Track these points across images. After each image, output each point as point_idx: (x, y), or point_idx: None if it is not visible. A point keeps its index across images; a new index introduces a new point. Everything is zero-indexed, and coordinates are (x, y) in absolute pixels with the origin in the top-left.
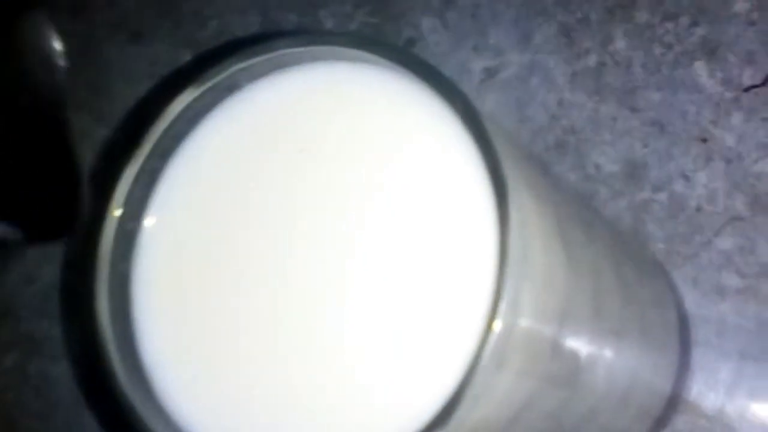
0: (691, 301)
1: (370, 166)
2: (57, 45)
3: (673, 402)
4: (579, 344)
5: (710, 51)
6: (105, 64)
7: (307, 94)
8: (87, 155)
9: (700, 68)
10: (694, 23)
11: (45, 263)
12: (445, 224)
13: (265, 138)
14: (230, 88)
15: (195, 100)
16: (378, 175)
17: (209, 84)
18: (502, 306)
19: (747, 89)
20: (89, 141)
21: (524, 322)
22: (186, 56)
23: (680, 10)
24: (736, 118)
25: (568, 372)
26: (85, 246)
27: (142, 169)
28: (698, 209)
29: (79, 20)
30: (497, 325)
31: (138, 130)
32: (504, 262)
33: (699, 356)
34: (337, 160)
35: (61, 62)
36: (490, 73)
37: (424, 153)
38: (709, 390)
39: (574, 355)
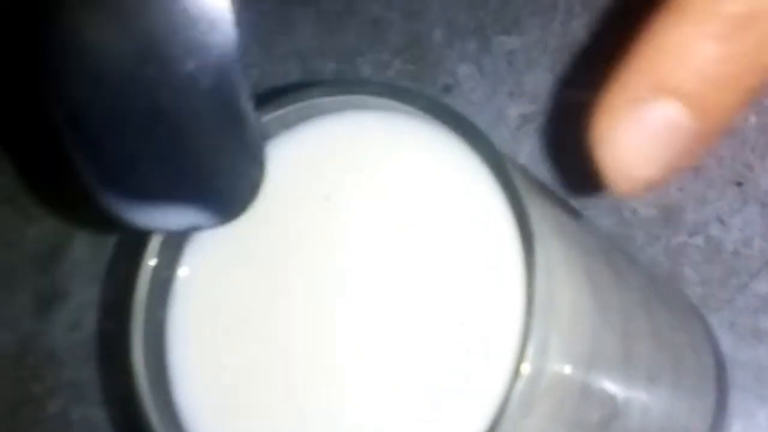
0: (728, 345)
1: (398, 214)
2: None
3: None
4: (609, 388)
5: None
6: None
7: (337, 142)
8: None
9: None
10: None
11: (89, 310)
12: (473, 270)
13: (296, 187)
14: (264, 137)
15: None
16: (407, 223)
17: None
18: (530, 349)
19: None
20: None
21: (553, 366)
22: None
23: None
24: None
25: (599, 417)
26: (122, 294)
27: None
28: (734, 253)
29: None
30: (525, 369)
31: None
32: (531, 307)
33: (736, 401)
34: (366, 208)
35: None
36: (526, 119)
37: (452, 200)
38: None
39: (604, 400)
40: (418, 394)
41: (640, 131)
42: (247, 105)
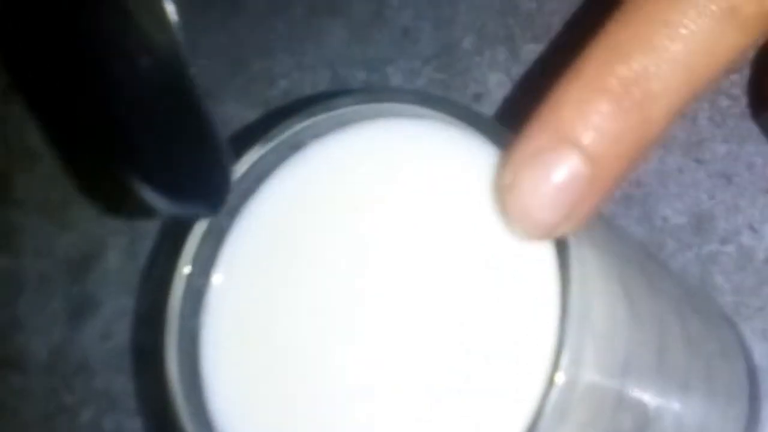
0: (760, 353)
1: (430, 223)
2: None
3: None
4: (644, 397)
5: None
6: None
7: (369, 150)
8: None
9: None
10: None
11: (120, 320)
12: (507, 279)
13: (328, 194)
14: (295, 146)
15: (261, 158)
16: (439, 232)
17: (274, 142)
18: (565, 359)
19: None
20: None
21: (587, 375)
22: (256, 115)
23: (746, 62)
24: None
25: (633, 425)
26: (156, 303)
27: (210, 227)
28: (766, 261)
29: None
30: (560, 378)
31: None
32: (566, 315)
33: None
34: (397, 217)
35: (174, 17)
36: None
37: (486, 209)
38: None
39: (638, 408)
40: (452, 404)
41: (543, 180)
42: (201, 102)
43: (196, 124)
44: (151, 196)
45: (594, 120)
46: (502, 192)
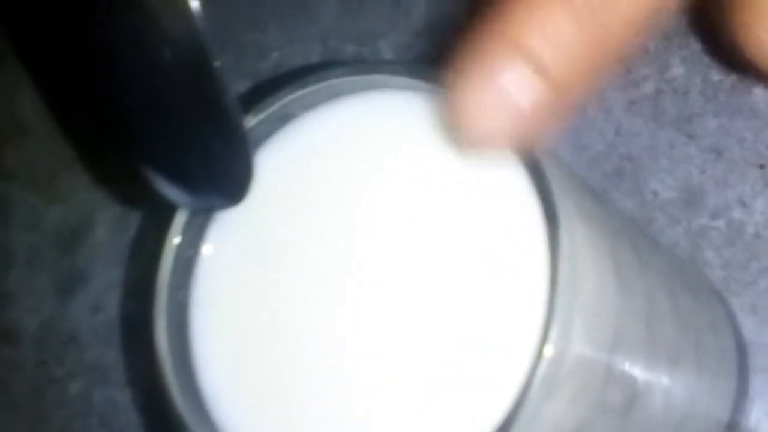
0: (749, 328)
1: (420, 195)
2: None
3: (731, 430)
4: (632, 371)
5: None
6: None
7: (359, 122)
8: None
9: (758, 94)
10: None
11: (110, 292)
12: (497, 252)
13: (319, 166)
14: (285, 117)
15: (251, 129)
16: (428, 204)
17: (264, 114)
18: (553, 332)
19: None
20: None
21: (575, 349)
22: (246, 87)
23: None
24: None
25: (622, 399)
26: (146, 275)
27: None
28: (756, 236)
29: None
30: (548, 351)
31: None
32: (555, 289)
33: (758, 383)
34: (387, 189)
35: (195, 4)
36: None
37: (476, 181)
38: (767, 418)
39: (627, 383)
40: (441, 377)
41: (488, 83)
42: (226, 96)
43: (221, 116)
44: (172, 191)
45: (547, 28)
46: (448, 96)
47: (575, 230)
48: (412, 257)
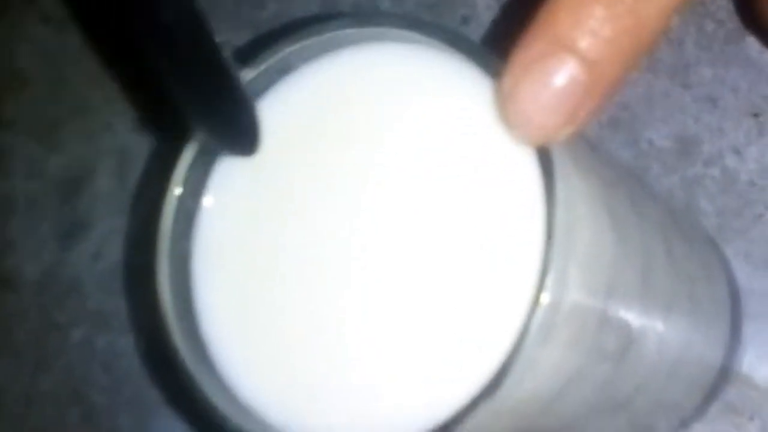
0: (742, 274)
1: (419, 145)
2: None
3: (724, 374)
4: (627, 318)
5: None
6: None
7: (358, 74)
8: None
9: (753, 44)
10: None
11: (111, 240)
12: (493, 201)
13: (318, 117)
14: (284, 69)
15: (250, 81)
16: (427, 155)
17: (263, 66)
18: (549, 279)
19: None
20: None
21: (571, 296)
22: (246, 37)
23: None
24: None
25: (617, 346)
26: (147, 223)
27: (200, 149)
28: (750, 183)
29: None
30: (545, 298)
31: None
32: (551, 237)
33: (750, 329)
34: (386, 140)
35: None
36: None
37: (473, 133)
38: (760, 362)
39: (622, 329)
40: (439, 323)
41: (542, 85)
42: (224, 58)
43: (219, 77)
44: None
45: (589, 24)
46: (504, 100)
47: (571, 180)
48: (412, 206)
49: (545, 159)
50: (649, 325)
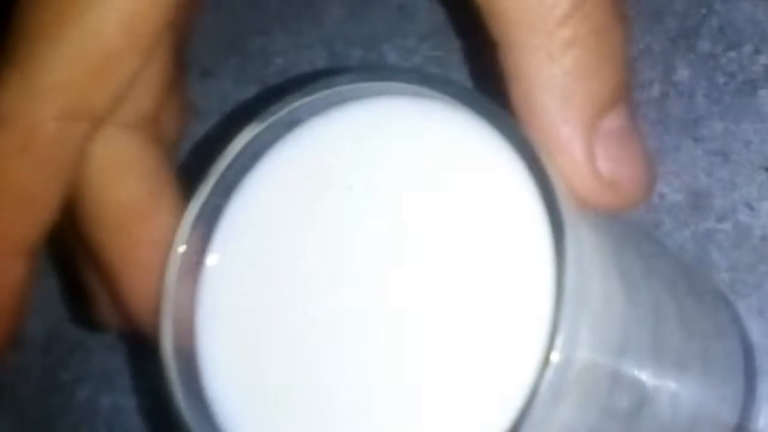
0: (756, 330)
1: (428, 201)
2: None
3: None
4: (639, 376)
5: None
6: None
7: (366, 128)
8: None
9: (764, 97)
10: (757, 51)
11: None
12: (502, 258)
13: (324, 172)
14: (291, 123)
15: (257, 136)
16: (435, 211)
17: (270, 120)
18: (560, 338)
19: None
20: None
21: (582, 354)
22: (252, 93)
23: (743, 39)
24: None
25: (629, 404)
26: None
27: (205, 206)
28: (763, 238)
29: None
30: (555, 357)
31: (202, 167)
32: (561, 295)
33: (765, 386)
34: (393, 196)
35: None
36: None
37: (482, 187)
38: None
39: (634, 388)
40: (448, 383)
41: (610, 141)
42: None
43: None
44: None
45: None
46: (577, 172)
47: (581, 235)
48: (418, 264)
49: (556, 217)
50: (662, 382)
